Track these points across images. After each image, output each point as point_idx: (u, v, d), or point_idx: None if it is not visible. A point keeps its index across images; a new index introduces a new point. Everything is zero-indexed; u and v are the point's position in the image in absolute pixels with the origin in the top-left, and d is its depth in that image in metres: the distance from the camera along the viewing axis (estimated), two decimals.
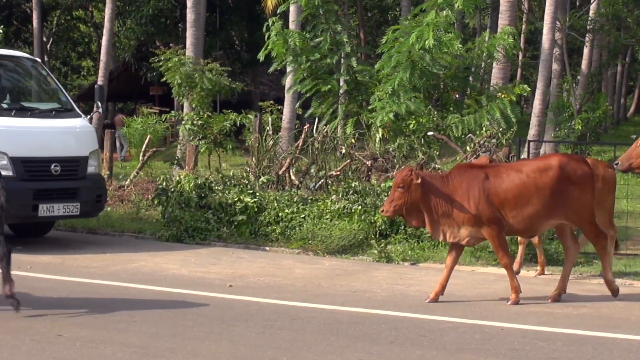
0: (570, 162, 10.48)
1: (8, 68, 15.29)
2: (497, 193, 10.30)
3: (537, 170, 10.40)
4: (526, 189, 10.30)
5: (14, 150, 13.31)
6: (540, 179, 10.31)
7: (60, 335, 8.68)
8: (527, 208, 10.30)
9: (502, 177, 10.40)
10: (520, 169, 10.50)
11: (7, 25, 33.17)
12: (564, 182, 10.31)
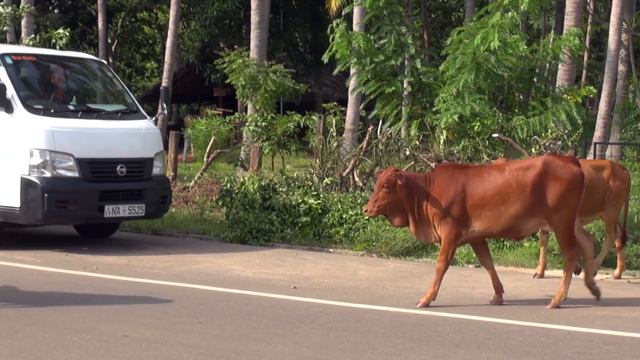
0: (555, 162, 10.36)
1: (74, 70, 15.47)
2: (475, 193, 10.24)
3: (520, 169, 10.33)
4: (507, 188, 10.20)
5: (80, 151, 13.46)
6: (522, 178, 10.22)
7: (126, 336, 8.77)
8: (508, 207, 10.20)
9: (483, 177, 10.33)
10: (503, 168, 10.44)
11: (72, 27, 33.43)
12: (547, 181, 10.21)
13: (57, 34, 20.71)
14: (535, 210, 10.24)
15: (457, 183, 10.29)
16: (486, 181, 10.28)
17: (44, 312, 9.74)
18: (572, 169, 10.29)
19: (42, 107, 13.74)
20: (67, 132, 13.46)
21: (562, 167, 10.26)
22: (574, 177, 10.24)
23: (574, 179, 10.24)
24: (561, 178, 10.20)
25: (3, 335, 8.69)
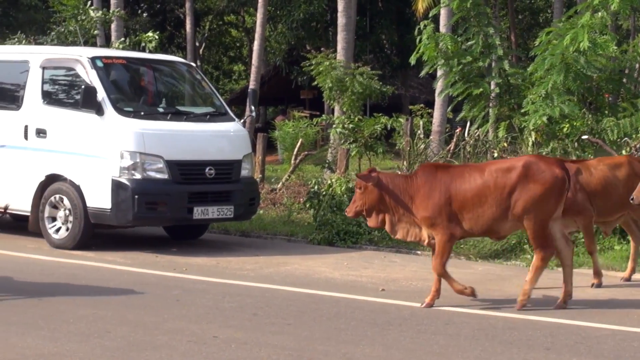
0: (536, 164, 10.22)
1: (164, 73, 15.64)
2: (457, 194, 10.19)
3: (500, 170, 10.24)
4: (486, 189, 10.14)
5: (170, 153, 13.60)
6: (501, 179, 10.15)
7: (215, 337, 8.83)
8: (487, 209, 10.14)
9: (467, 177, 10.27)
10: (484, 169, 10.37)
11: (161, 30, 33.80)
12: (525, 183, 10.09)
13: (147, 37, 20.97)
14: (509, 212, 10.18)
15: (441, 184, 10.24)
16: (467, 182, 10.23)
17: (135, 313, 9.86)
18: (554, 172, 10.16)
19: (132, 109, 13.91)
20: (156, 135, 13.61)
21: (542, 170, 10.14)
22: (553, 181, 10.11)
23: (554, 182, 10.11)
24: (539, 181, 10.08)
25: (95, 335, 8.81)
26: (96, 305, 10.15)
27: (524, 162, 10.27)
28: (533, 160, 10.37)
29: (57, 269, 12.40)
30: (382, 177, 10.49)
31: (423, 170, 10.61)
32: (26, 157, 14.18)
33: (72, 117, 13.87)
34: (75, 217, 13.63)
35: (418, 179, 10.40)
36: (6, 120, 14.52)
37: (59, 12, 22.19)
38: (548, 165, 10.22)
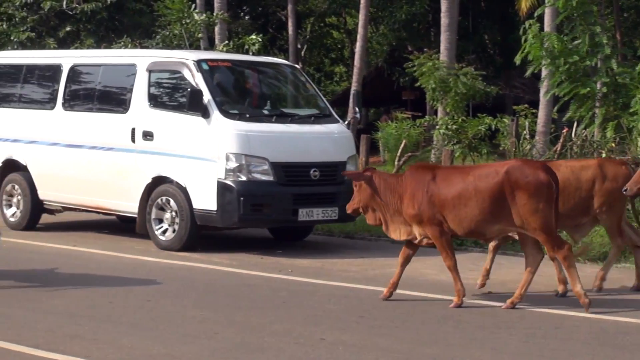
0: (521, 168, 10.18)
1: (268, 75, 15.70)
2: (439, 195, 10.30)
3: (482, 175, 10.27)
4: (465, 192, 10.19)
5: (275, 155, 13.64)
6: (481, 184, 10.17)
7: (323, 339, 8.81)
8: (466, 211, 10.20)
9: (448, 179, 10.37)
10: (468, 172, 10.44)
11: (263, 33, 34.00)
12: (509, 188, 10.05)
13: (250, 40, 21.12)
14: (497, 216, 10.19)
15: (425, 184, 10.37)
16: (449, 184, 10.33)
17: (242, 314, 9.90)
18: (537, 176, 10.09)
19: (237, 111, 13.98)
20: (261, 137, 13.66)
21: (526, 174, 10.09)
22: (537, 185, 10.04)
23: (537, 187, 10.03)
24: (523, 186, 10.03)
25: (203, 336, 8.87)
26: (204, 307, 10.22)
27: (507, 167, 10.25)
28: (517, 165, 10.34)
29: (164, 270, 12.53)
30: (374, 176, 10.65)
31: (411, 171, 10.80)
32: (133, 160, 14.36)
33: (178, 120, 14.00)
34: (182, 218, 13.76)
35: (407, 179, 10.60)
36: (114, 123, 14.72)
37: (164, 16, 22.50)
38: (532, 170, 10.17)
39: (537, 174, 10.10)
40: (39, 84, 16.37)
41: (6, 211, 16.10)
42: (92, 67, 15.63)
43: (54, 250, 13.90)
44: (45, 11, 23.57)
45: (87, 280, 11.76)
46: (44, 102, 15.97)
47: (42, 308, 10.09)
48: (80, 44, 23.33)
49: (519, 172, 10.10)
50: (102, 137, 14.84)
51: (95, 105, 15.18)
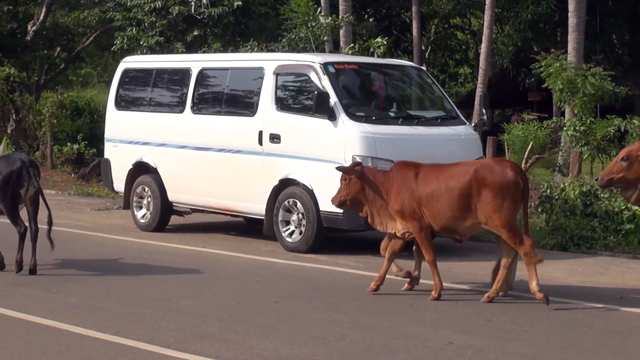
0: (489, 167, 10.60)
1: (394, 77, 15.66)
2: (417, 191, 10.77)
3: (454, 172, 10.74)
4: (438, 189, 10.66)
5: (401, 157, 13.45)
6: (452, 181, 10.62)
7: (451, 343, 8.77)
8: (439, 207, 10.63)
9: (428, 176, 10.84)
10: (444, 171, 10.88)
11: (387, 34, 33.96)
12: (476, 186, 10.45)
13: (376, 43, 21.10)
14: (466, 213, 10.60)
15: (407, 181, 10.86)
16: (427, 181, 10.79)
17: (370, 317, 9.90)
18: (504, 176, 10.42)
19: (363, 114, 13.98)
20: (388, 139, 13.63)
21: (493, 173, 10.47)
22: (502, 184, 10.37)
23: (503, 186, 10.36)
24: (489, 184, 10.40)
25: (331, 338, 8.91)
26: (331, 309, 10.26)
27: (476, 166, 10.70)
28: (485, 164, 10.83)
29: (291, 272, 12.62)
30: (365, 171, 11.14)
31: (397, 167, 11.24)
32: (260, 162, 14.48)
33: (304, 123, 14.08)
34: (309, 220, 13.82)
35: (393, 175, 11.08)
36: (241, 126, 14.88)
37: (289, 19, 22.64)
38: (500, 169, 10.50)
39: (504, 174, 10.45)
40: (168, 87, 16.64)
41: (137, 213, 16.40)
42: (220, 70, 15.81)
43: (182, 251, 14.12)
44: (174, 16, 23.95)
45: (215, 281, 11.92)
46: (173, 106, 16.23)
47: (173, 308, 10.26)
48: (208, 47, 23.62)
49: (486, 170, 10.52)
50: (229, 139, 15.01)
51: (223, 109, 15.36)
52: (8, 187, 11.81)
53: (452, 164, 11.35)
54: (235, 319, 9.76)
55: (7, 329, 9.35)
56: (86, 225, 17.12)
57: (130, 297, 10.90)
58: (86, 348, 8.60)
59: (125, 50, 24.09)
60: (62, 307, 10.31)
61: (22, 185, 11.86)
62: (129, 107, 17.01)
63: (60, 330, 9.28)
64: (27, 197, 12.00)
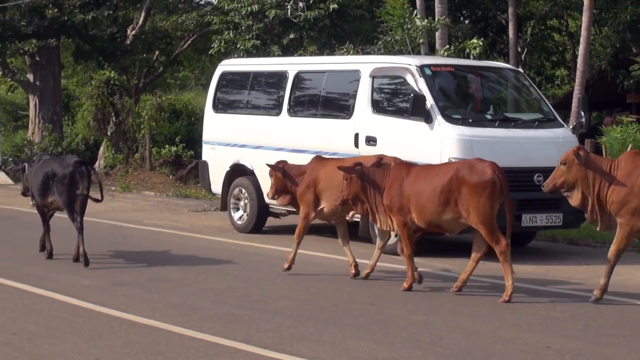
0: (470, 167, 11.08)
1: (490, 79, 15.57)
2: (406, 189, 11.29)
3: (440, 171, 11.35)
4: (425, 187, 11.18)
5: (498, 160, 13.25)
6: (436, 179, 11.17)
7: (548, 347, 8.69)
8: (423, 203, 11.16)
9: (417, 175, 11.40)
10: (431, 170, 11.51)
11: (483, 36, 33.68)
12: (457, 184, 10.97)
13: (472, 44, 20.97)
14: (446, 208, 11.08)
15: (400, 179, 11.39)
16: (415, 180, 11.32)
17: (466, 320, 9.86)
18: (483, 175, 10.92)
19: (460, 116, 13.92)
20: (484, 141, 13.54)
21: (473, 172, 10.97)
22: (481, 182, 10.87)
23: (481, 184, 10.87)
24: (468, 182, 10.92)
25: (427, 341, 8.90)
26: (428, 311, 10.24)
27: (458, 165, 11.35)
28: (467, 163, 11.29)
29: (387, 274, 12.61)
30: (364, 170, 11.62)
31: (394, 167, 11.67)
32: None
33: (400, 125, 14.07)
34: None
35: (389, 174, 11.56)
36: (337, 129, 14.93)
37: (385, 22, 22.60)
38: (480, 169, 11.00)
39: (484, 173, 10.93)
40: (265, 90, 16.76)
41: (234, 214, 16.55)
42: (316, 73, 15.88)
43: (279, 253, 14.19)
44: (270, 19, 24.07)
45: (311, 283, 11.97)
46: (269, 109, 16.35)
47: (270, 309, 10.34)
48: (304, 50, 23.71)
49: (467, 169, 11.03)
50: (326, 142, 15.06)
51: (319, 111, 15.43)
52: (67, 187, 12.95)
53: (439, 164, 12.09)
54: (331, 321, 9.79)
55: (108, 327, 9.51)
56: (184, 226, 17.34)
57: (228, 297, 11.01)
58: (185, 347, 8.71)
59: (223, 54, 24.29)
60: (161, 306, 10.46)
61: (77, 188, 12.99)
62: (227, 109, 17.18)
63: (159, 329, 9.41)
64: (79, 197, 13.10)
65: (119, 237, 15.82)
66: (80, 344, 8.85)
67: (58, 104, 31.42)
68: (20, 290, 11.47)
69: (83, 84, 38.47)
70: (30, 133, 30.99)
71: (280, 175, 12.61)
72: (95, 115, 28.05)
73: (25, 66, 32.43)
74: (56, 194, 13.05)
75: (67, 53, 35.16)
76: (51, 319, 9.91)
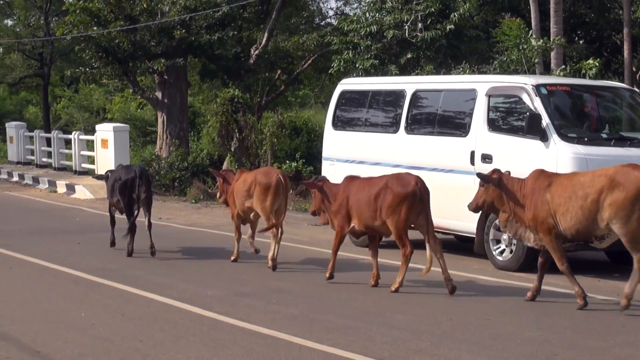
0: (397, 179, 12.19)
1: (606, 99, 15.26)
2: (350, 199, 12.53)
3: (374, 182, 12.45)
4: (363, 196, 12.38)
5: None
6: (371, 188, 12.34)
7: None
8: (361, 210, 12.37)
9: (359, 185, 12.59)
10: (372, 180, 12.58)
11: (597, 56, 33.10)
12: (384, 192, 12.11)
13: (588, 65, 20.62)
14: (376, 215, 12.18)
15: (347, 189, 12.64)
16: (357, 189, 12.51)
17: (581, 337, 9.67)
18: (406, 187, 11.99)
19: (575, 135, 13.67)
20: (600, 160, 13.22)
21: (397, 184, 12.06)
22: (402, 194, 11.94)
23: (403, 194, 11.93)
24: (390, 192, 12.02)
25: (542, 357, 8.78)
26: (542, 327, 10.05)
27: (388, 177, 12.38)
28: (394, 176, 12.41)
29: (502, 290, 12.43)
30: (325, 185, 13.08)
31: (345, 180, 12.97)
32: (472, 182, 14.27)
33: (516, 143, 13.89)
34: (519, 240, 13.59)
35: (341, 187, 12.85)
36: (453, 146, 14.80)
37: (500, 42, 22.39)
38: (407, 180, 12.07)
39: (408, 184, 11.98)
40: (382, 108, 16.72)
41: None
42: (433, 92, 15.78)
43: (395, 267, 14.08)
44: (388, 40, 24.01)
45: (427, 296, 11.89)
46: (387, 126, 16.31)
47: (386, 322, 10.28)
48: (420, 70, 23.58)
49: (394, 181, 12.13)
50: (442, 159, 14.96)
51: (436, 129, 15.33)
52: (125, 190, 14.96)
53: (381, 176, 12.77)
54: (447, 335, 9.68)
55: (230, 336, 9.57)
56: (303, 239, 17.39)
57: (346, 309, 10.99)
58: (304, 357, 8.71)
59: (342, 73, 24.33)
60: (281, 317, 10.49)
61: (134, 191, 14.92)
62: (345, 127, 17.20)
63: (279, 339, 9.44)
64: (140, 200, 15.00)
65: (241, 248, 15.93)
66: (204, 352, 8.92)
67: (185, 121, 31.87)
68: (148, 299, 11.63)
69: (208, 102, 38.99)
70: (158, 148, 31.49)
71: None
72: (220, 131, 28.34)
73: (154, 84, 33.00)
74: (118, 194, 15.08)
75: (193, 72, 35.64)
76: (177, 327, 10.02)
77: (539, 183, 11.31)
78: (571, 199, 10.87)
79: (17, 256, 15.16)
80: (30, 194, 27.31)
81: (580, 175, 11.28)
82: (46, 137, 34.53)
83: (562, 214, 10.94)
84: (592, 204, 10.69)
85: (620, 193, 10.51)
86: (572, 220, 10.87)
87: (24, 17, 46.74)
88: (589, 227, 10.85)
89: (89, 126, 40.62)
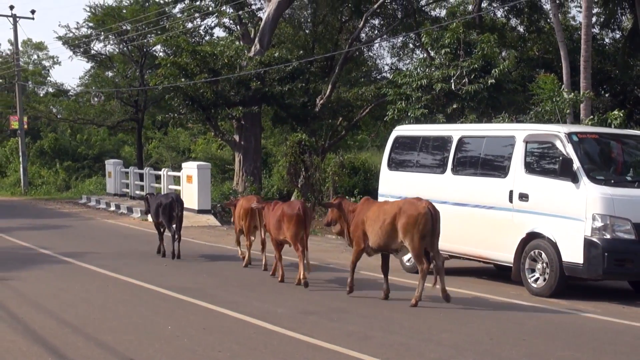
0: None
1: (630, 145, 15.03)
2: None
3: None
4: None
5: (637, 217, 13.00)
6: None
7: None
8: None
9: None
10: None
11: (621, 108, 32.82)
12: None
13: (613, 115, 20.40)
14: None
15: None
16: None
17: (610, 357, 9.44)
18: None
19: (603, 177, 13.48)
20: (625, 200, 13.05)
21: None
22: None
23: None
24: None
25: None
26: (574, 348, 9.86)
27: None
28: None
29: (535, 314, 12.23)
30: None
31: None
32: (510, 217, 14.21)
33: (550, 184, 13.72)
34: (552, 269, 13.42)
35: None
36: (494, 186, 14.67)
37: (536, 95, 22.25)
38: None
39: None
40: (431, 152, 16.63)
41: (403, 256, 16.36)
42: (476, 138, 15.67)
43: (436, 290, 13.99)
44: (437, 92, 23.97)
45: (470, 318, 11.72)
46: (435, 167, 16.22)
47: (433, 339, 10.17)
48: (465, 118, 23.47)
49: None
50: (484, 197, 14.83)
51: (479, 171, 15.20)
52: (167, 211, 17.82)
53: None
54: (487, 352, 9.55)
55: (298, 350, 9.53)
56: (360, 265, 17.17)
57: (397, 328, 10.89)
58: None
59: (395, 120, 24.31)
60: (341, 333, 10.43)
61: (173, 210, 17.78)
62: (399, 167, 17.14)
63: (339, 353, 9.38)
64: (176, 219, 17.77)
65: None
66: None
67: (258, 160, 32.05)
68: (226, 315, 11.64)
69: (279, 144, 39.23)
70: (235, 184, 31.67)
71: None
72: (289, 170, 28.45)
73: (232, 128, 33.25)
74: (161, 215, 17.84)
75: (266, 118, 35.87)
76: (250, 340, 10.01)
77: (361, 207, 13.25)
78: (376, 221, 12.77)
79: (113, 275, 15.29)
80: (125, 222, 27.57)
81: (385, 204, 13.19)
82: (139, 172, 34.88)
83: (370, 231, 12.90)
84: (389, 226, 12.58)
85: (406, 218, 12.35)
86: (376, 236, 12.79)
87: (122, 70, 47.42)
88: (387, 242, 12.72)
89: (176, 164, 41.02)
